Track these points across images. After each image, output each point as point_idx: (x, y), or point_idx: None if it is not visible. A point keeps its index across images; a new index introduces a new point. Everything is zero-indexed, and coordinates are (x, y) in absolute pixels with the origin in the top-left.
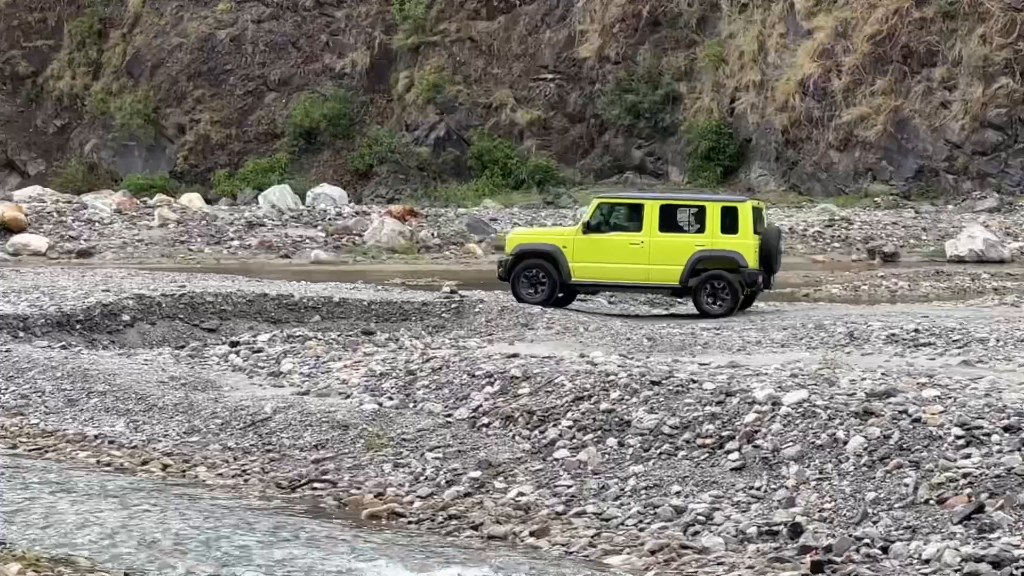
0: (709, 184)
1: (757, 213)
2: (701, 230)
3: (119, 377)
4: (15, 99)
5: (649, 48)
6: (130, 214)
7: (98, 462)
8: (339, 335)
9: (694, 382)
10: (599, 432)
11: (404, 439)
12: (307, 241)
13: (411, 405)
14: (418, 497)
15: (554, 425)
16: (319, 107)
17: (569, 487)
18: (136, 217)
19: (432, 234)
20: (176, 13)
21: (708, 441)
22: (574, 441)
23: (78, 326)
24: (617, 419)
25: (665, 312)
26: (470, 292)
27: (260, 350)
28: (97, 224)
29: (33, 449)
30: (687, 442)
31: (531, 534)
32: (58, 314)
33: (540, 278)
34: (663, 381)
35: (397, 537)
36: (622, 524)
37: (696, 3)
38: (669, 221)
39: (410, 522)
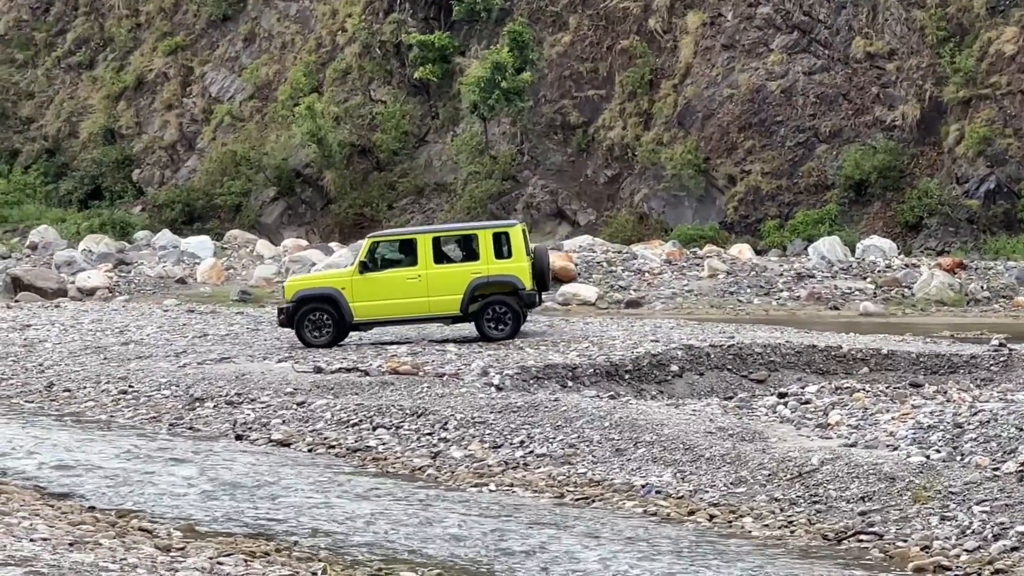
0: None
1: (524, 235)
2: (475, 257)
3: (667, 427)
4: (566, 149)
5: None
6: (679, 264)
7: (644, 512)
8: (887, 387)
9: None
10: None
11: (951, 492)
12: (855, 293)
13: (958, 458)
14: (964, 551)
15: None
16: (869, 159)
17: None
18: (685, 267)
19: (981, 287)
20: (727, 64)
21: None
22: None
23: (626, 376)
24: None
25: None
26: (1019, 345)
27: (808, 401)
28: (647, 274)
29: (580, 498)
30: None
31: None
32: (607, 364)
33: (325, 321)
34: None
35: None
36: None
37: None
38: (443, 252)
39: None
